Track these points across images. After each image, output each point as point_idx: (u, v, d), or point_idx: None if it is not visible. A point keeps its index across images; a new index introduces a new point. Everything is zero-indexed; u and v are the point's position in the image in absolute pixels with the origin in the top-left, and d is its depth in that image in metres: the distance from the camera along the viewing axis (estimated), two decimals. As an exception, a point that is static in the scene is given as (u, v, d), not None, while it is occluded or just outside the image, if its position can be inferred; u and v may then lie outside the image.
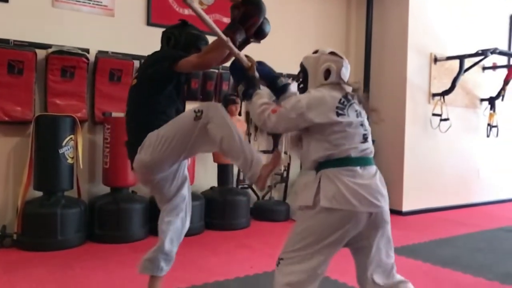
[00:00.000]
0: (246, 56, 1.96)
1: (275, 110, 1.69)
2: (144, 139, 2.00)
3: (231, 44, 1.86)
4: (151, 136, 1.98)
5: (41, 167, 3.47)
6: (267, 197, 4.90)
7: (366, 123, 1.70)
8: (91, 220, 3.61)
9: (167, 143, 1.93)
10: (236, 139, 1.87)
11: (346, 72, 1.73)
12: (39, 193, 3.54)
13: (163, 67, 2.01)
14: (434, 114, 5.27)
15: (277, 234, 3.92)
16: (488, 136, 5.71)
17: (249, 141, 4.75)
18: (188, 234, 3.82)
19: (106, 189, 3.84)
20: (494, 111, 5.71)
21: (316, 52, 1.79)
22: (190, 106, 2.14)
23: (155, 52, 2.21)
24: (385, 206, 1.64)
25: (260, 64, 1.99)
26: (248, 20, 1.93)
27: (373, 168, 1.66)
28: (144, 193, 4.03)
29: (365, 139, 1.66)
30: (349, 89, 1.71)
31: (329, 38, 5.34)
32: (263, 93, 1.81)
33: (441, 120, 5.28)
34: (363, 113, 1.70)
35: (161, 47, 2.27)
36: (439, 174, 5.43)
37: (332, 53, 1.75)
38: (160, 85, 2.05)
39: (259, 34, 2.05)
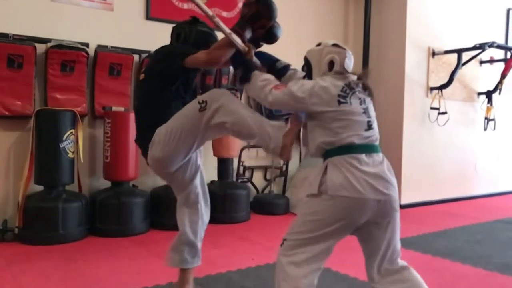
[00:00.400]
0: (243, 41, 1.95)
1: (278, 87, 1.71)
2: (151, 135, 1.98)
3: (218, 19, 1.83)
4: (159, 131, 1.96)
5: (42, 161, 3.47)
6: (266, 191, 4.93)
7: (371, 110, 1.71)
8: (92, 214, 3.62)
9: (176, 137, 1.90)
10: (246, 119, 1.80)
11: (350, 63, 1.75)
12: (39, 188, 3.55)
13: (171, 62, 1.98)
14: (432, 108, 5.30)
15: (277, 227, 3.95)
16: (485, 129, 5.75)
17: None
18: (189, 227, 3.87)
19: (107, 184, 3.85)
20: (491, 104, 5.75)
21: (319, 44, 1.81)
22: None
23: (164, 47, 2.18)
24: (393, 194, 1.64)
25: (258, 51, 2.00)
26: (258, 21, 1.91)
27: (379, 156, 1.67)
28: (145, 187, 4.05)
29: (369, 126, 1.67)
30: (353, 77, 1.73)
31: (327, 33, 5.35)
32: (262, 73, 1.83)
33: (439, 113, 5.31)
34: (368, 100, 1.72)
35: (171, 42, 2.24)
36: (437, 167, 5.46)
37: (335, 45, 1.77)
38: (168, 81, 2.02)
39: (270, 38, 2.02)
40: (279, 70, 1.94)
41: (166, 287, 2.51)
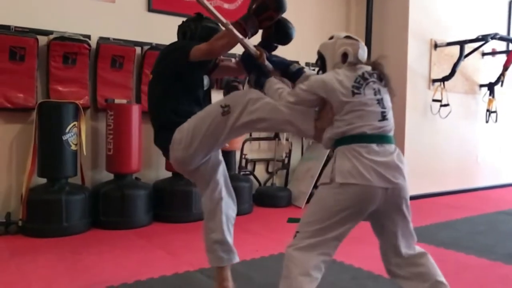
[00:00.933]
0: (255, 46, 1.95)
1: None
2: (168, 136, 1.96)
3: (231, 27, 1.82)
4: (180, 131, 1.93)
5: (45, 154, 3.46)
6: (268, 184, 4.93)
7: (386, 100, 1.71)
8: (95, 207, 3.62)
9: (198, 138, 1.88)
10: (271, 115, 1.76)
11: (363, 54, 1.76)
12: (42, 180, 3.54)
13: (175, 58, 1.98)
14: (434, 100, 5.29)
15: (279, 220, 3.96)
16: (487, 121, 5.74)
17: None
18: (192, 220, 3.89)
19: (109, 176, 3.84)
20: (493, 96, 5.73)
21: (331, 38, 1.82)
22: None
23: (169, 45, 2.16)
24: (402, 182, 1.64)
25: (271, 55, 2.00)
26: (264, 12, 1.88)
27: (391, 147, 1.66)
28: (148, 179, 4.05)
29: (383, 117, 1.66)
30: (367, 68, 1.72)
31: (329, 25, 5.33)
32: (276, 80, 1.83)
33: (441, 105, 5.30)
34: (383, 90, 1.71)
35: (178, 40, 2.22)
36: (438, 160, 5.46)
37: (347, 37, 1.78)
38: (175, 77, 2.00)
39: (284, 38, 2.01)
40: (293, 73, 1.94)
41: (172, 278, 2.52)
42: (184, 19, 2.25)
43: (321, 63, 1.81)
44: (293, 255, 1.64)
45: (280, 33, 2.00)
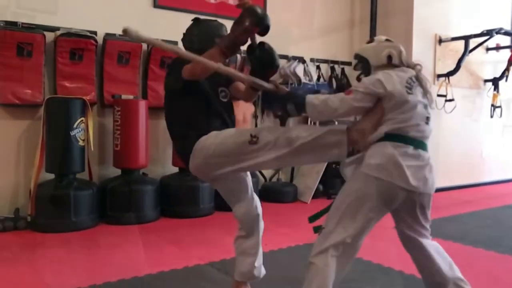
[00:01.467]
0: (270, 81, 1.87)
1: (348, 93, 1.67)
2: (186, 145, 1.94)
3: (222, 66, 1.74)
4: (204, 141, 1.90)
5: (53, 149, 3.47)
6: (274, 179, 4.94)
7: (428, 106, 1.72)
8: (103, 202, 3.64)
9: (219, 154, 1.86)
10: (302, 147, 1.71)
11: (405, 56, 1.77)
12: (50, 176, 3.56)
13: (173, 75, 1.97)
14: (439, 95, 5.29)
15: (285, 214, 3.97)
16: (491, 116, 5.74)
17: (256, 124, 4.76)
18: (199, 215, 3.90)
19: (116, 172, 3.85)
20: (497, 91, 5.74)
21: (371, 41, 1.83)
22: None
23: (172, 61, 2.14)
24: (426, 190, 1.67)
25: (296, 88, 1.97)
26: (239, 25, 1.76)
27: (425, 154, 1.68)
28: (155, 175, 4.06)
29: (427, 121, 1.68)
30: (412, 72, 1.72)
31: (333, 20, 5.31)
32: (312, 95, 1.76)
33: (446, 101, 5.30)
34: (425, 96, 1.72)
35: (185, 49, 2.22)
36: (443, 155, 5.45)
37: (387, 40, 1.80)
38: (183, 92, 1.97)
39: (265, 63, 1.86)
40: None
41: (182, 271, 2.54)
42: (189, 14, 2.23)
43: (363, 66, 1.81)
44: (315, 264, 1.65)
45: (260, 55, 1.86)
